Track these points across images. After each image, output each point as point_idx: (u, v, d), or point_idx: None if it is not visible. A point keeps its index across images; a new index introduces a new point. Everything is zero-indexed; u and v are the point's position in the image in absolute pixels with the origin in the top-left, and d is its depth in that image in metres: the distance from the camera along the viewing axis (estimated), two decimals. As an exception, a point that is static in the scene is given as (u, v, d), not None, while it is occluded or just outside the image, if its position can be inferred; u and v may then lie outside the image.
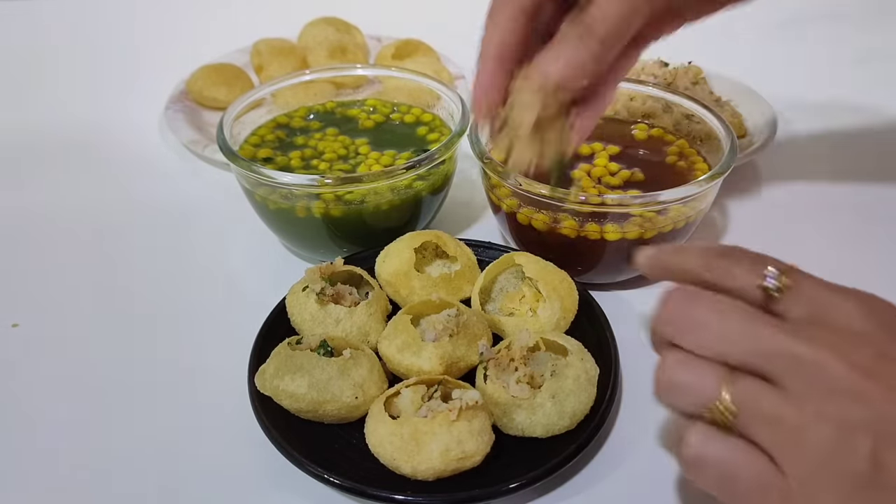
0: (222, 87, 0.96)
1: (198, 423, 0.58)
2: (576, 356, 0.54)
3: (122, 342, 0.66)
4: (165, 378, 0.62)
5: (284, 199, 0.66)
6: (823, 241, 0.75)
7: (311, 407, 0.52)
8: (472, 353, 0.56)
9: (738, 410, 0.37)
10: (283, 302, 0.61)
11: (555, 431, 0.52)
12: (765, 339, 0.37)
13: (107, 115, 1.02)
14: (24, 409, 0.60)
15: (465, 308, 0.58)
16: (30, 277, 0.74)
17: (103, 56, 1.19)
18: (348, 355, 0.53)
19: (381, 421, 0.50)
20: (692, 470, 0.39)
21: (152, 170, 0.90)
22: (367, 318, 0.59)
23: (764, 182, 0.84)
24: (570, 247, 0.64)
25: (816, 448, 0.35)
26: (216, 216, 0.81)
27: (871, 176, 0.85)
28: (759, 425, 0.36)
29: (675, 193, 0.60)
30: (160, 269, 0.74)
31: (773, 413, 0.36)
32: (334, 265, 0.61)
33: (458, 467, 0.49)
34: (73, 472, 0.55)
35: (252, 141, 0.75)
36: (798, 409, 0.35)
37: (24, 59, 1.18)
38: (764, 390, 0.36)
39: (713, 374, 0.37)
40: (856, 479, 0.34)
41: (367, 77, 0.83)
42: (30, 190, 0.87)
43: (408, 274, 0.62)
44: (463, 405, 0.48)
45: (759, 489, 0.36)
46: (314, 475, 0.49)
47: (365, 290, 0.63)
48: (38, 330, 0.67)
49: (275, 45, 1.01)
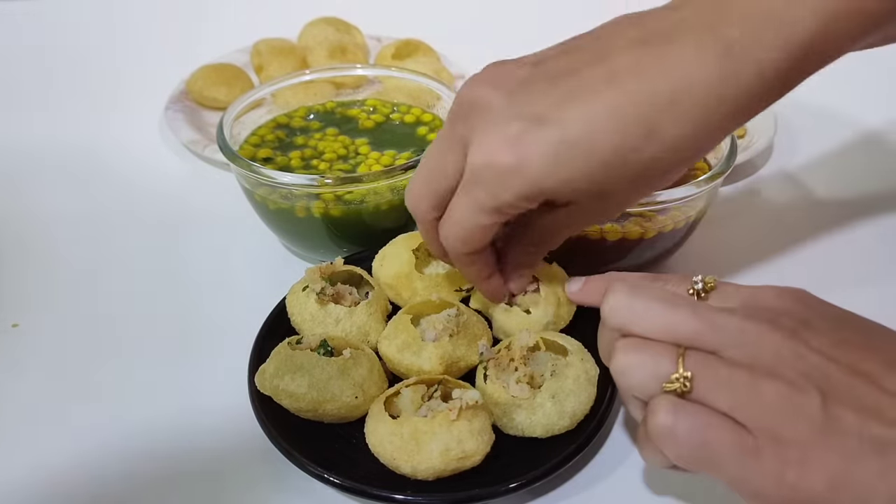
0: (222, 87, 0.96)
1: (198, 423, 0.58)
2: (576, 356, 0.54)
3: (121, 342, 0.66)
4: (165, 378, 0.62)
5: (284, 199, 0.66)
6: (823, 240, 0.75)
7: (310, 407, 0.52)
8: (472, 353, 0.56)
9: (695, 378, 0.39)
10: (283, 302, 0.61)
11: (555, 431, 0.52)
12: (709, 317, 0.40)
13: (107, 115, 1.02)
14: (24, 408, 0.60)
15: (465, 308, 0.58)
16: (30, 277, 0.74)
17: (103, 56, 1.19)
18: (348, 355, 0.53)
19: (381, 420, 0.50)
20: (665, 442, 0.40)
21: (152, 170, 0.90)
22: (367, 318, 0.59)
23: (763, 182, 0.84)
24: (571, 247, 0.64)
25: (774, 401, 0.38)
26: (216, 216, 0.81)
27: (870, 175, 0.85)
28: (717, 390, 0.39)
29: (675, 193, 0.60)
30: (160, 268, 0.74)
31: (729, 377, 0.39)
32: (334, 265, 0.61)
33: (459, 467, 0.49)
34: (74, 471, 0.55)
35: (252, 141, 0.75)
36: (749, 371, 0.39)
37: (24, 59, 1.18)
38: (716, 360, 0.40)
39: (666, 350, 0.40)
40: (813, 425, 0.37)
41: (367, 77, 0.83)
42: (30, 190, 0.87)
43: (409, 276, 0.61)
44: (463, 405, 0.48)
45: (733, 448, 0.38)
46: (314, 475, 0.49)
47: (365, 290, 0.63)
48: (38, 330, 0.67)
49: (275, 45, 1.01)
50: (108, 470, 0.55)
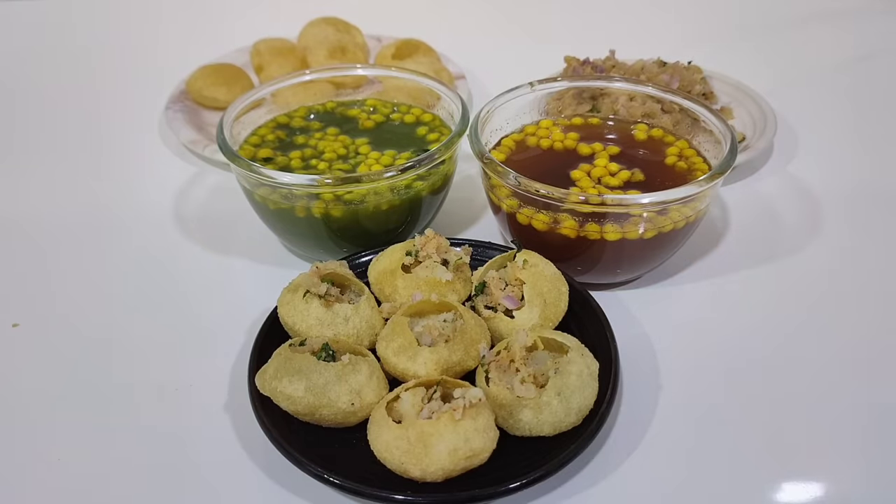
0: (222, 87, 0.96)
1: (198, 423, 0.58)
2: (576, 352, 0.54)
3: (121, 341, 0.66)
4: (165, 377, 0.62)
5: (284, 199, 0.66)
6: (823, 240, 0.75)
7: (307, 410, 0.52)
8: (469, 357, 0.56)
9: None
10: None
11: (563, 428, 0.52)
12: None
13: (107, 115, 1.02)
14: (24, 408, 0.60)
15: (463, 310, 0.58)
16: (30, 277, 0.74)
17: (103, 56, 1.19)
18: (347, 360, 0.53)
19: (385, 426, 0.50)
20: None
21: (152, 170, 0.90)
22: (371, 311, 0.59)
23: (763, 182, 0.84)
24: (570, 247, 0.64)
25: None
26: (216, 216, 0.81)
27: (870, 174, 0.85)
28: None
29: (675, 193, 0.60)
30: (160, 268, 0.74)
31: None
32: (327, 265, 0.61)
33: (467, 466, 0.49)
34: (74, 471, 0.55)
35: (252, 141, 0.75)
36: None
37: (24, 59, 1.18)
38: None
39: None
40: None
41: (367, 77, 0.83)
42: (30, 189, 0.87)
43: (393, 273, 0.62)
44: (467, 403, 0.48)
45: None
46: (314, 475, 0.49)
47: (351, 290, 0.63)
48: (38, 330, 0.67)
49: (275, 45, 1.01)
50: (107, 468, 0.55)
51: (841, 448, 0.55)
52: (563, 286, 0.61)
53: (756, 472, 0.53)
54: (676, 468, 0.54)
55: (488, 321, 0.60)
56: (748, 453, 0.55)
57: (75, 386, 0.62)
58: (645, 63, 0.91)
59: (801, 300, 0.68)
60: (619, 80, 0.77)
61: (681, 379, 0.61)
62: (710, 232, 0.76)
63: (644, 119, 0.77)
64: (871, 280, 0.71)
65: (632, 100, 0.78)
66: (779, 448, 0.55)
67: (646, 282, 0.70)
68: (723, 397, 0.59)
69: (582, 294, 0.62)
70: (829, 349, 0.63)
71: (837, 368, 0.61)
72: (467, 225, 0.79)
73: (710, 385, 0.60)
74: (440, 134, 0.76)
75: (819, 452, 0.55)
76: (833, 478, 0.53)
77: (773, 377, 0.61)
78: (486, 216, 0.79)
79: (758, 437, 0.56)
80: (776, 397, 0.59)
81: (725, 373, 0.61)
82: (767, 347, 0.64)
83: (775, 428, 0.56)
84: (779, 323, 0.66)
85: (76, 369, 0.63)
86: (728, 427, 0.57)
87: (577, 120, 0.77)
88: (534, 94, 0.76)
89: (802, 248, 0.75)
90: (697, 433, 0.56)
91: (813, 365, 0.62)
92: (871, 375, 0.61)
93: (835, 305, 0.68)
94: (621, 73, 0.90)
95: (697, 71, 0.91)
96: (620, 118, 0.78)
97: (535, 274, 0.60)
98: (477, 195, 0.81)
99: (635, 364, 0.61)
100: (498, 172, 0.63)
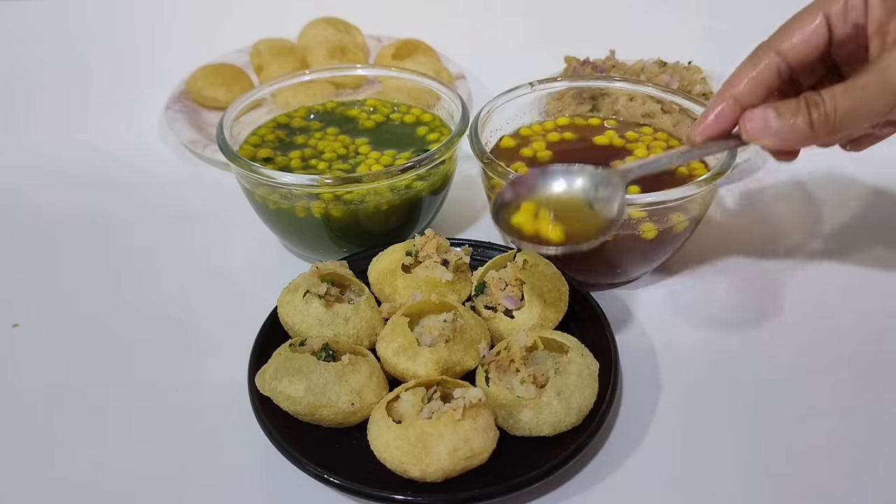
0: (222, 87, 0.96)
1: (198, 423, 0.58)
2: (576, 352, 0.54)
3: (122, 342, 0.66)
4: (165, 377, 0.62)
5: (284, 199, 0.66)
6: (822, 240, 0.75)
7: (307, 410, 0.52)
8: (469, 357, 0.56)
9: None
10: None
11: (563, 428, 0.52)
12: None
13: (107, 116, 1.02)
14: (24, 408, 0.60)
15: (463, 310, 0.58)
16: (30, 277, 0.74)
17: (103, 56, 1.19)
18: (347, 360, 0.53)
19: (385, 426, 0.50)
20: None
21: (152, 170, 0.90)
22: (371, 311, 0.59)
23: (763, 182, 0.84)
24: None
25: None
26: (216, 216, 0.81)
27: (869, 175, 0.85)
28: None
29: (675, 193, 0.60)
30: (160, 268, 0.74)
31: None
32: (327, 265, 0.61)
33: (467, 466, 0.49)
34: (74, 471, 0.55)
35: (252, 141, 0.75)
36: None
37: (24, 59, 1.18)
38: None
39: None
40: None
41: (367, 77, 0.83)
42: (30, 189, 0.87)
43: (393, 273, 0.62)
44: (466, 403, 0.48)
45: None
46: (314, 475, 0.49)
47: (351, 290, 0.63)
48: (38, 330, 0.67)
49: (275, 45, 1.01)
50: (107, 469, 0.55)
51: (841, 448, 0.55)
52: (563, 286, 0.61)
53: (756, 472, 0.53)
54: (676, 468, 0.54)
55: (488, 321, 0.60)
56: (748, 453, 0.55)
57: (75, 386, 0.62)
58: (645, 63, 0.91)
59: (801, 300, 0.68)
60: (619, 80, 0.77)
61: (681, 379, 0.61)
62: (710, 232, 0.76)
63: (644, 119, 0.77)
64: (871, 280, 0.71)
65: (632, 100, 0.78)
66: (779, 448, 0.55)
67: (646, 282, 0.70)
68: (723, 397, 0.59)
69: (582, 294, 0.62)
70: (830, 349, 0.63)
71: (838, 369, 0.61)
72: (467, 225, 0.79)
73: (710, 385, 0.60)
74: (440, 134, 0.76)
75: (819, 453, 0.55)
76: (833, 478, 0.53)
77: (773, 377, 0.61)
78: (486, 216, 0.79)
79: (758, 437, 0.56)
80: (776, 398, 0.59)
81: (726, 373, 0.61)
82: (768, 348, 0.64)
83: (775, 428, 0.56)
84: (779, 323, 0.66)
85: (76, 369, 0.63)
86: (728, 427, 0.57)
87: (578, 120, 0.77)
88: (534, 94, 0.76)
89: (802, 248, 0.75)
90: (697, 433, 0.56)
91: (814, 365, 0.62)
92: (873, 376, 0.61)
93: (835, 306, 0.68)
94: (621, 73, 0.90)
95: (697, 71, 0.91)
96: (620, 118, 0.78)
97: (535, 274, 0.60)
98: (477, 195, 0.80)
99: (635, 364, 0.61)
100: (498, 172, 0.63)
